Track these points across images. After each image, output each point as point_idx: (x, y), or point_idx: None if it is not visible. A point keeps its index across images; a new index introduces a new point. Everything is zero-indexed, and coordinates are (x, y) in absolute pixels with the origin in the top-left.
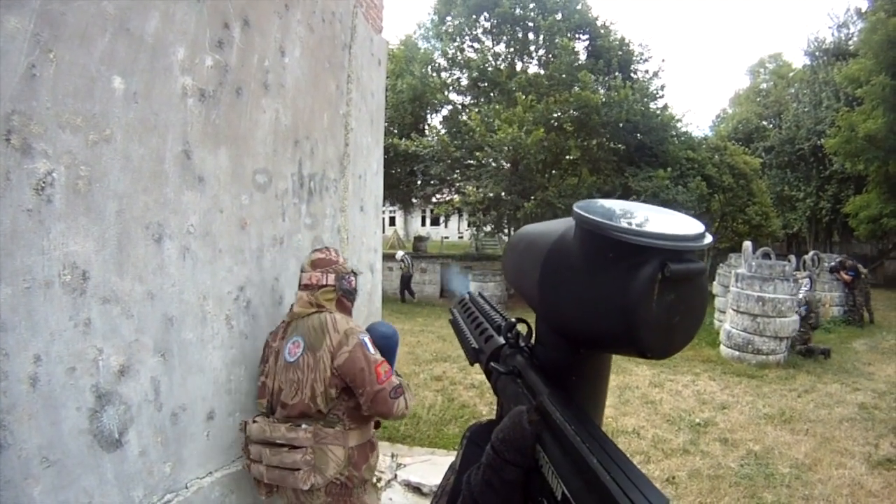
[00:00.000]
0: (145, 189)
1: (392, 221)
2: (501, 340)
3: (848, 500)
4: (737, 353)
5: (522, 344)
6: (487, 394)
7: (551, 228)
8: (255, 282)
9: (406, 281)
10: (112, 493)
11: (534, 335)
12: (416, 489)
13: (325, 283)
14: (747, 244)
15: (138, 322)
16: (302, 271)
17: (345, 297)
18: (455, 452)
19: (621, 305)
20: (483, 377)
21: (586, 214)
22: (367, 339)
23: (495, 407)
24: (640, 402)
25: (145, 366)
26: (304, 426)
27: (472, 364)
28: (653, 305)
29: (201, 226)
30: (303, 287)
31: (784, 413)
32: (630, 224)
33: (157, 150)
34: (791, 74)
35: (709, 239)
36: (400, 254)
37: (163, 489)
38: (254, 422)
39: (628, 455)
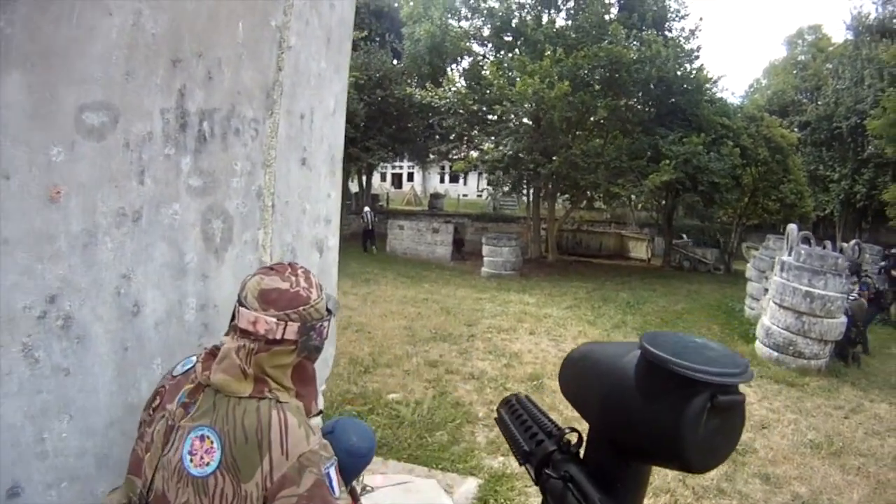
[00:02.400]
0: None
1: (410, 177)
2: (553, 446)
3: None
4: (776, 353)
5: (573, 451)
6: (487, 388)
7: (615, 352)
8: (79, 286)
9: (367, 234)
10: None
11: (584, 444)
12: None
13: (279, 336)
14: (792, 227)
15: None
16: (240, 302)
17: (308, 358)
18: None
19: (673, 428)
20: (484, 366)
21: (652, 349)
22: (332, 470)
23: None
24: None
25: None
26: None
27: (520, 465)
28: (700, 429)
29: None
30: (240, 332)
31: (832, 442)
32: (688, 360)
33: None
34: (831, 49)
35: (752, 374)
36: (366, 210)
37: None
38: None
39: (651, 490)
